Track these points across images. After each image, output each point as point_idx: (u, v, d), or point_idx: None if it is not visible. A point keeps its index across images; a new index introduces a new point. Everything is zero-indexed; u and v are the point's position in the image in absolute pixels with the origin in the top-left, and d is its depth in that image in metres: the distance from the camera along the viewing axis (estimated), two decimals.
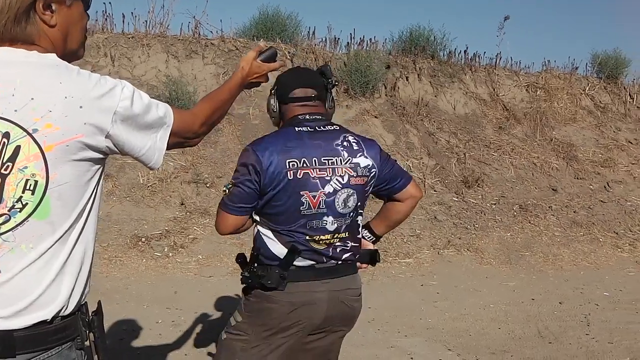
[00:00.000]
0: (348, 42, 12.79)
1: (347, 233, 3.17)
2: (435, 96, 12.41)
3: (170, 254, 8.23)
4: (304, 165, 3.02)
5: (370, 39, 13.06)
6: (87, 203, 2.04)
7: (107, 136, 1.98)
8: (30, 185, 1.90)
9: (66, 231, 1.98)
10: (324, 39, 12.74)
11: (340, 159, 3.08)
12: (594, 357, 6.10)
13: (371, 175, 3.13)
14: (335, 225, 3.12)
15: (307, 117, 3.15)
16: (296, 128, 3.10)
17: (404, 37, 13.20)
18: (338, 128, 3.17)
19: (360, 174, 3.09)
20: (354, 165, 3.08)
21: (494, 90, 13.14)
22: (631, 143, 13.23)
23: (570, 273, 9.12)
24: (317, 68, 3.40)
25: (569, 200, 11.05)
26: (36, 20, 2.02)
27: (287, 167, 2.99)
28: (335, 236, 3.13)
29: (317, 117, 3.17)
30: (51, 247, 1.95)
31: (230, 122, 10.42)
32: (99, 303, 2.22)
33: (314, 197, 3.05)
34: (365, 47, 12.71)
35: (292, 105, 3.19)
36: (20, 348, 1.88)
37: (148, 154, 2.12)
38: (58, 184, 1.93)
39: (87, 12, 2.21)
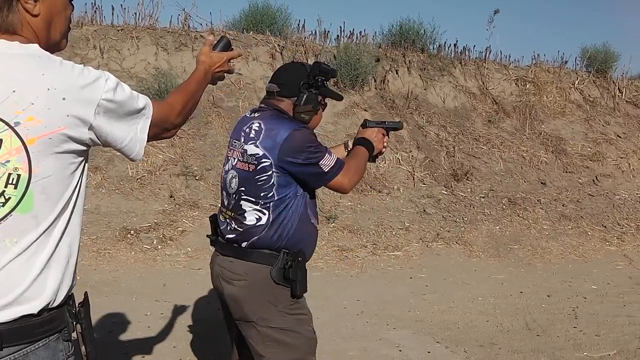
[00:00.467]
0: (338, 35, 12.78)
1: (233, 213, 3.30)
2: (425, 89, 12.41)
3: (159, 247, 8.21)
4: (229, 144, 3.44)
5: (360, 32, 13.07)
6: (71, 196, 2.03)
7: (90, 128, 1.98)
8: (13, 179, 1.89)
9: (50, 225, 1.97)
10: (313, 32, 12.74)
11: (238, 143, 3.32)
12: (581, 349, 6.12)
13: (261, 164, 3.18)
14: (227, 201, 3.36)
15: (258, 106, 3.46)
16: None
17: (393, 31, 13.20)
18: (257, 115, 3.32)
19: (245, 160, 3.24)
20: (243, 151, 3.25)
21: (483, 83, 13.15)
22: (620, 137, 13.26)
23: (558, 266, 9.15)
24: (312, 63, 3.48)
25: (557, 194, 11.07)
26: (19, 9, 2.00)
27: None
28: (227, 213, 3.35)
29: (262, 106, 3.42)
30: (35, 241, 1.93)
31: (220, 114, 10.40)
32: (86, 294, 2.22)
33: (223, 172, 3.43)
34: (355, 40, 12.69)
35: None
36: (6, 341, 1.88)
37: (130, 145, 2.12)
38: (41, 177, 1.92)
39: (72, 2, 2.19)
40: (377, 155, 3.79)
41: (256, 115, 3.34)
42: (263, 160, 3.16)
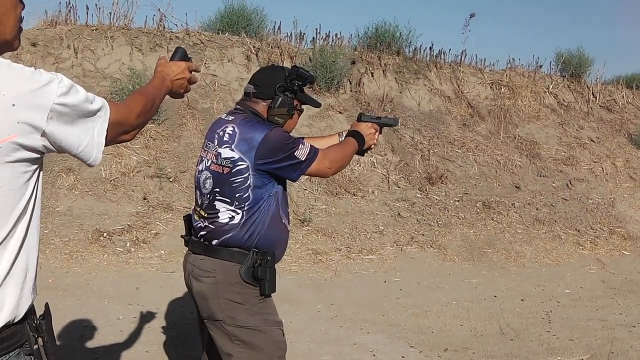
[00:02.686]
0: (313, 37, 12.75)
1: (206, 212, 3.33)
2: (400, 92, 12.41)
3: (132, 249, 8.14)
4: (204, 144, 3.46)
5: (336, 34, 13.03)
6: (26, 206, 1.95)
7: (43, 134, 1.88)
8: None
9: (4, 238, 1.89)
10: (289, 34, 12.70)
11: (212, 146, 3.34)
12: (554, 354, 6.14)
13: (237, 167, 3.20)
14: (201, 201, 3.39)
15: (234, 107, 3.47)
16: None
17: (369, 33, 13.19)
18: (232, 119, 3.34)
19: (219, 163, 3.27)
20: (217, 154, 3.28)
21: (458, 87, 13.18)
22: (593, 141, 13.35)
23: (532, 270, 9.17)
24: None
25: (531, 198, 11.11)
26: None
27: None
28: (200, 211, 3.39)
29: (238, 107, 3.45)
30: None
31: (194, 116, 10.34)
32: (46, 306, 2.16)
33: (197, 171, 3.45)
34: (330, 43, 12.67)
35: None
36: None
37: (86, 151, 2.03)
38: None
39: (22, 0, 2.09)
40: (367, 149, 3.81)
41: (230, 118, 3.35)
42: (239, 163, 3.19)
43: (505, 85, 13.60)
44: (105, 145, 2.09)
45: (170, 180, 9.26)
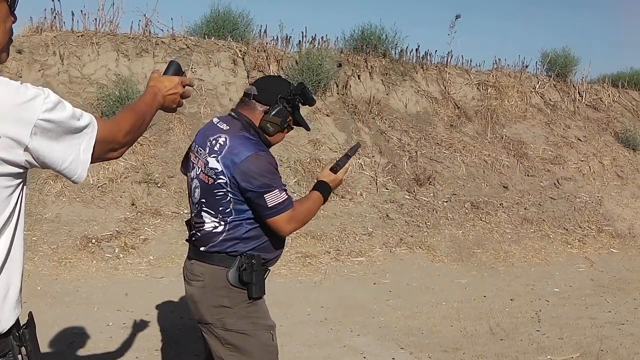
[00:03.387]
0: (300, 41, 12.75)
1: (195, 221, 3.36)
2: (387, 94, 12.42)
3: (121, 255, 8.12)
4: (193, 149, 3.41)
5: (322, 37, 13.03)
6: (8, 221, 1.92)
7: (26, 149, 1.86)
8: None
9: None
10: (275, 38, 12.69)
11: (203, 153, 3.29)
12: (544, 352, 6.15)
13: (219, 180, 3.19)
14: (192, 208, 3.41)
15: (229, 113, 3.44)
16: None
17: (355, 36, 13.21)
18: (227, 128, 3.30)
19: (206, 172, 3.25)
20: (206, 162, 3.25)
21: (445, 88, 13.20)
22: (580, 140, 13.39)
23: (521, 270, 9.20)
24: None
25: (519, 198, 11.14)
26: None
27: (190, 148, 3.50)
28: (192, 219, 3.40)
29: (232, 113, 3.41)
30: None
31: (181, 121, 10.32)
32: (30, 315, 2.13)
33: (189, 178, 3.43)
34: (317, 46, 12.67)
35: None
36: None
37: (71, 167, 2.00)
38: None
39: (13, 13, 2.07)
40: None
41: (225, 128, 3.30)
42: (220, 176, 3.18)
43: (491, 85, 13.64)
44: (92, 162, 2.06)
45: (158, 185, 9.25)
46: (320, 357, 5.81)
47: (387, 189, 10.54)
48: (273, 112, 3.29)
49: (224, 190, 3.17)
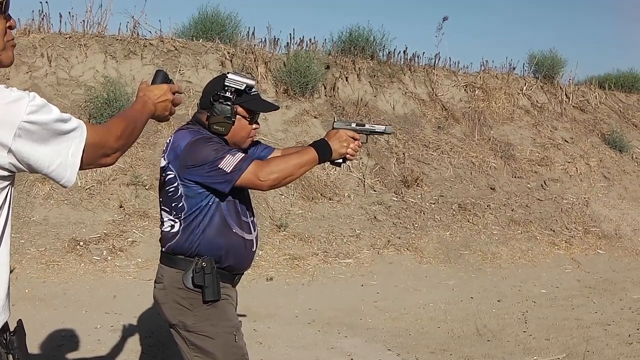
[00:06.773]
0: (288, 42, 12.75)
1: (160, 222, 3.39)
2: (375, 96, 12.44)
3: (109, 258, 8.11)
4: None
5: (310, 39, 13.04)
6: None
7: (10, 152, 1.84)
8: None
9: None
10: (263, 39, 12.69)
11: (163, 157, 3.31)
12: (531, 354, 6.18)
13: (168, 176, 3.24)
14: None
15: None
16: None
17: (343, 38, 13.20)
18: (177, 129, 3.36)
19: (160, 173, 3.32)
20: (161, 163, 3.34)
21: (432, 90, 13.23)
22: (567, 142, 13.44)
23: (508, 271, 9.23)
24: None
25: (506, 199, 11.18)
26: None
27: None
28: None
29: (189, 121, 3.43)
30: None
31: (169, 123, 10.27)
32: (19, 322, 2.11)
33: None
34: (304, 48, 12.68)
35: None
36: None
37: (58, 171, 1.97)
38: None
39: (6, 13, 2.04)
40: (343, 160, 3.46)
41: (179, 131, 3.34)
42: (168, 172, 3.23)
43: (479, 87, 13.67)
44: (84, 168, 2.05)
45: (146, 187, 9.23)
46: (308, 359, 5.82)
47: (374, 190, 10.55)
48: (212, 113, 3.26)
49: (174, 185, 3.20)
